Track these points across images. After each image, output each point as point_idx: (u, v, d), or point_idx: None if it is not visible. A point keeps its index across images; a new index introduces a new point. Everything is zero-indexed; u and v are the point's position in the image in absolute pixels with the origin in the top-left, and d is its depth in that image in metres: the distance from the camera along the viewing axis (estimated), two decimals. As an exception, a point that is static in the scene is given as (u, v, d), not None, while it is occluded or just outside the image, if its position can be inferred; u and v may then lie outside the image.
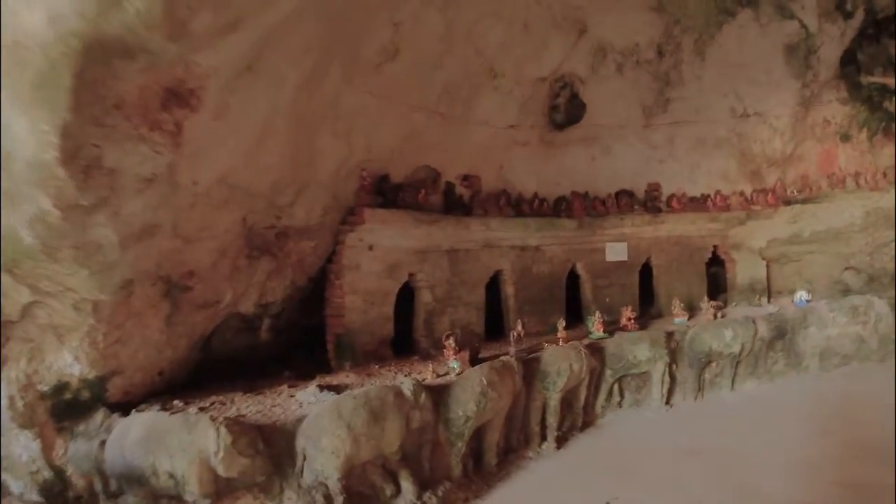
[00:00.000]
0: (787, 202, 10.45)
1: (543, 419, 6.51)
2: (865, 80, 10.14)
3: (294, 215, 6.30)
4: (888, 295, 9.28)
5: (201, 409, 4.93)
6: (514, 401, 6.00)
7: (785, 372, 9.00)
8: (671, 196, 9.83)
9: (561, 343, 7.13)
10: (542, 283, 8.48)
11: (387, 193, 7.31)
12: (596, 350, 7.31)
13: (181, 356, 5.63)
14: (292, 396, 5.44)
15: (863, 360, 9.01)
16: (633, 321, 8.18)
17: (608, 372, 7.41)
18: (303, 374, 6.47)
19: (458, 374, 5.84)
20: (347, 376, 6.30)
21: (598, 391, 7.44)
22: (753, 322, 8.57)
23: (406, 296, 7.70)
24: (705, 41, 9.13)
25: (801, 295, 9.79)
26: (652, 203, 9.63)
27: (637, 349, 7.50)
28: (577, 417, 7.03)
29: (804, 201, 10.47)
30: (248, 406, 5.11)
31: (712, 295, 9.83)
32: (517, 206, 8.46)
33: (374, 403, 4.70)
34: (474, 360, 6.27)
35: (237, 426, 4.17)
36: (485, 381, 5.37)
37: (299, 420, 4.65)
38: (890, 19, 9.54)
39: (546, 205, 8.71)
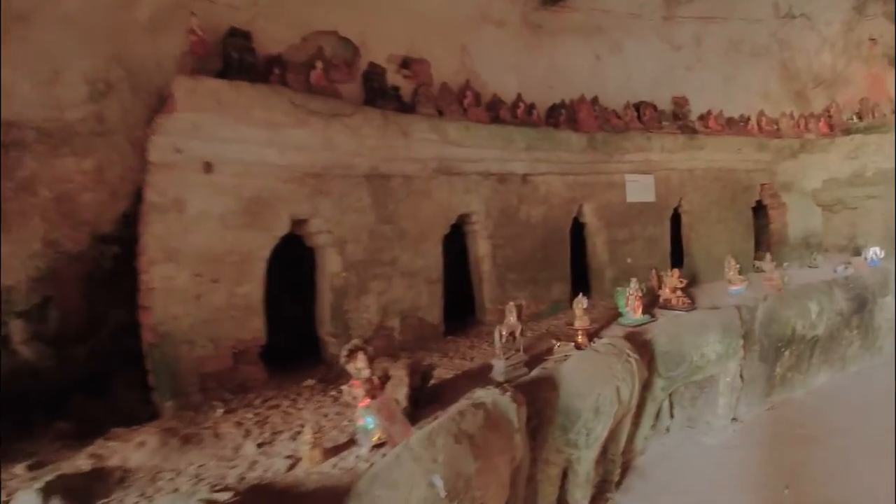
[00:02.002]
0: (846, 131, 7.70)
1: (563, 494, 3.25)
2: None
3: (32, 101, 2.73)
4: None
5: None
6: (512, 476, 2.67)
7: (859, 356, 6.28)
8: (706, 114, 6.75)
9: (581, 340, 3.88)
10: (533, 236, 5.16)
11: (247, 67, 3.74)
12: (638, 346, 4.11)
13: None
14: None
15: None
16: (682, 293, 5.04)
17: (658, 384, 4.23)
18: (88, 427, 3.07)
19: (377, 446, 2.45)
20: (155, 432, 2.82)
21: (640, 415, 4.27)
22: (833, 290, 5.78)
23: (303, 263, 4.26)
24: None
25: (874, 252, 7.01)
26: (681, 122, 6.50)
27: (704, 342, 4.35)
28: (612, 469, 3.80)
29: (867, 130, 7.70)
30: None
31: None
32: (492, 110, 5.05)
33: None
34: (419, 399, 2.91)
35: None
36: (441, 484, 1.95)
37: None
38: None
39: (536, 113, 5.36)
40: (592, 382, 3.10)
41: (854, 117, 7.90)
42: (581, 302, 3.90)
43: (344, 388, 2.62)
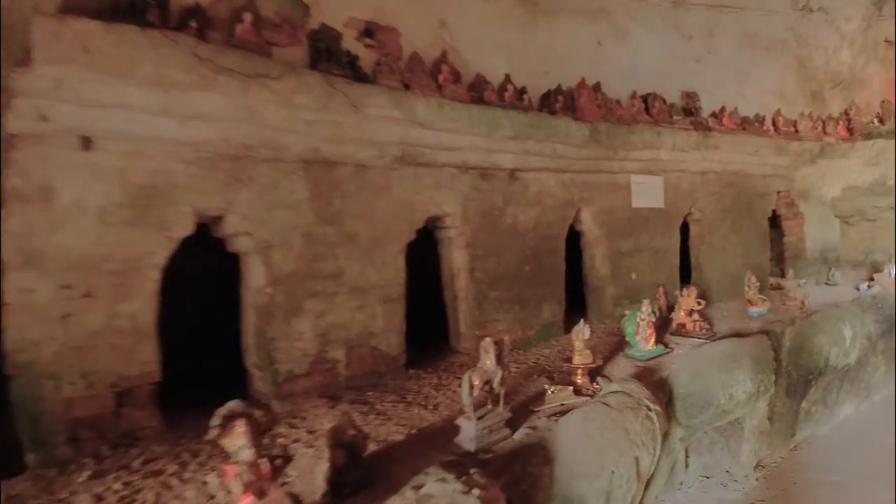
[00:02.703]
0: (867, 135, 6.97)
1: None
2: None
3: None
4: None
5: None
6: None
7: (884, 382, 5.52)
8: (720, 111, 5.93)
9: (582, 381, 2.94)
10: (521, 245, 4.21)
11: (139, 10, 2.78)
12: (653, 387, 3.19)
13: None
14: None
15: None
16: (699, 317, 4.14)
17: (677, 433, 3.31)
18: None
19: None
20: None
21: (652, 474, 3.32)
22: (864, 312, 5.05)
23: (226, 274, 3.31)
24: None
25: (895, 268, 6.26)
26: (694, 118, 5.65)
27: (733, 381, 3.43)
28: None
29: (889, 135, 6.98)
30: None
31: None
32: (475, 91, 4.13)
33: None
34: (345, 483, 1.91)
35: None
36: None
37: None
38: None
39: (528, 99, 4.45)
40: (603, 454, 2.16)
41: (875, 121, 7.17)
42: (582, 332, 2.96)
43: (209, 477, 1.66)
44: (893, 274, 5.97)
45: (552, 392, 2.74)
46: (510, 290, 4.09)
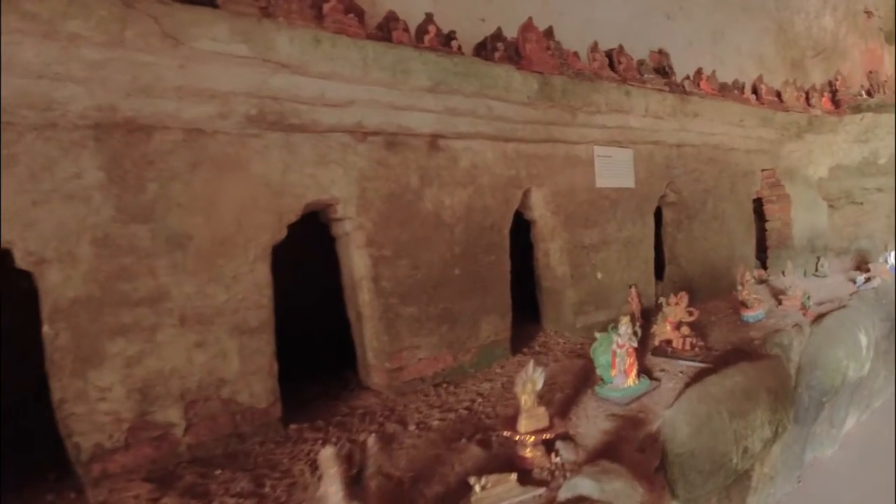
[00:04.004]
0: (855, 108, 6.20)
1: None
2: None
3: None
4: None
5: None
6: None
7: (884, 388, 4.74)
8: (696, 73, 4.94)
9: (534, 457, 1.83)
10: (448, 240, 3.05)
11: None
12: (637, 446, 2.12)
13: None
14: None
15: None
16: (690, 331, 3.11)
17: (671, 510, 2.26)
18: None
19: None
20: None
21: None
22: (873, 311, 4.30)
23: None
24: None
25: (892, 256, 5.52)
26: (668, 79, 4.62)
27: (749, 428, 2.42)
28: None
29: (878, 108, 6.21)
30: None
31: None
32: (382, 30, 2.95)
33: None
34: None
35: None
36: None
37: None
38: None
39: (458, 45, 3.30)
40: None
41: (863, 93, 6.38)
42: (531, 381, 1.85)
43: None
44: (893, 263, 5.17)
45: (481, 490, 1.62)
46: (433, 304, 2.94)
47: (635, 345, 2.47)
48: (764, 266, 5.87)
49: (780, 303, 4.30)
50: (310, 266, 3.34)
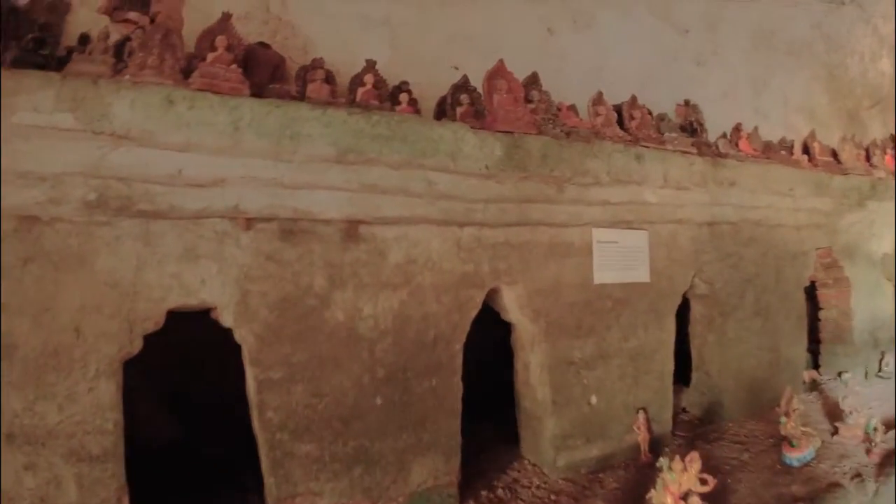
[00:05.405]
0: None
1: None
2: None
3: None
4: None
5: None
6: None
7: None
8: (734, 130, 4.04)
9: None
10: (367, 361, 2.32)
11: None
12: None
13: None
14: None
15: None
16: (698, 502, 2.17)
17: None
18: None
19: None
20: None
21: None
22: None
23: None
24: None
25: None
26: (696, 139, 3.74)
27: None
28: None
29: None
30: None
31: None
32: (298, 84, 2.37)
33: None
34: None
35: None
36: None
37: None
38: None
39: (410, 98, 2.67)
40: None
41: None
42: None
43: None
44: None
45: None
46: (341, 441, 2.21)
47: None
48: (816, 365, 4.72)
49: (836, 430, 3.26)
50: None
